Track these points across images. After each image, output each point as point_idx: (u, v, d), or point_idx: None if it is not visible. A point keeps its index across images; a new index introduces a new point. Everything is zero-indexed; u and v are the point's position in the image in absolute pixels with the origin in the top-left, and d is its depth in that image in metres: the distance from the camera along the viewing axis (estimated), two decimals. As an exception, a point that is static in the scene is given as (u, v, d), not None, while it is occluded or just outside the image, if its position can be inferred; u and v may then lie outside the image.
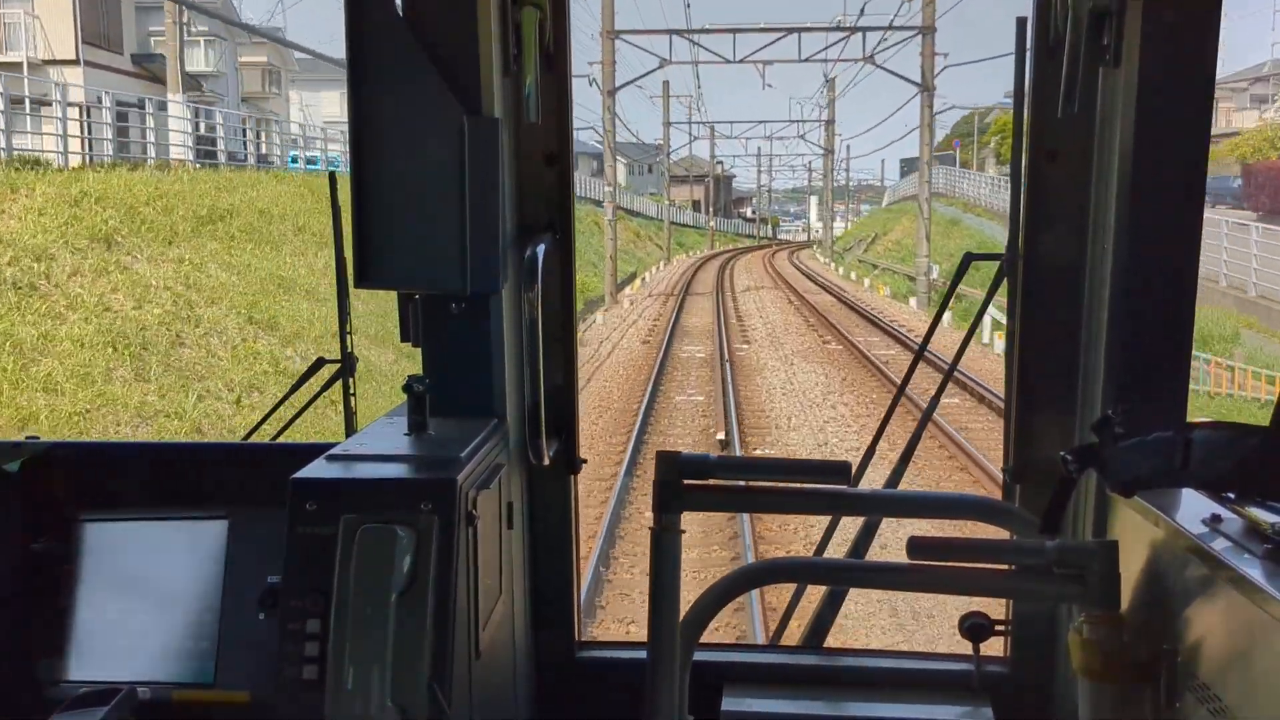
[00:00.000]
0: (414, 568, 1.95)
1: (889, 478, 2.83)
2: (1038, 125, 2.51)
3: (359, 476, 2.10)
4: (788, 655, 2.91)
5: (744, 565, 2.20)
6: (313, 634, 1.96)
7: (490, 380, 2.51)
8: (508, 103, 2.55)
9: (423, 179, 2.34)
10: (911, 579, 2.27)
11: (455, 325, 2.49)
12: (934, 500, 2.48)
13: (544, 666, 2.83)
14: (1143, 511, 2.13)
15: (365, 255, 2.36)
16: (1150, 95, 2.26)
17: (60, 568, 2.46)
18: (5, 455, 2.55)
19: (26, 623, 2.45)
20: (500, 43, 2.49)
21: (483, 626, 2.21)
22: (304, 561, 1.99)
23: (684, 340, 26.48)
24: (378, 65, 2.31)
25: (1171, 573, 2.01)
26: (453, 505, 2.01)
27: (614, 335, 27.56)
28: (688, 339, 26.83)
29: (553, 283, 2.67)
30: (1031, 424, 2.63)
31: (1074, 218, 2.52)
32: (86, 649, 2.43)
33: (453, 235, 2.34)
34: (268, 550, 2.30)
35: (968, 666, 2.60)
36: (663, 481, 2.31)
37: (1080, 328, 2.55)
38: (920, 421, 2.85)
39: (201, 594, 2.42)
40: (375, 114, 2.32)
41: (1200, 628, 1.89)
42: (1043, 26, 2.45)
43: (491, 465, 2.33)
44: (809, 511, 3.27)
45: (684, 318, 31.55)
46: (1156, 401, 2.34)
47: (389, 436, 2.32)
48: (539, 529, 2.80)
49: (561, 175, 2.68)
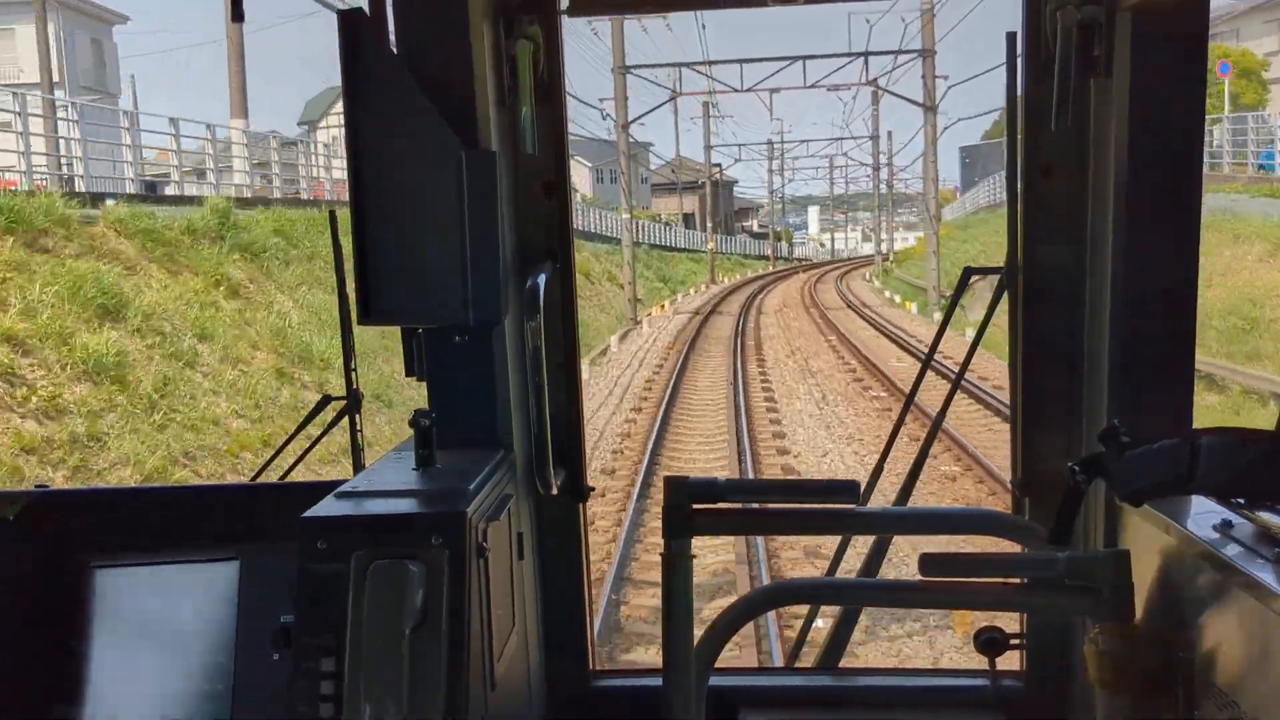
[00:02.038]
0: (426, 602, 1.95)
1: (898, 495, 2.83)
2: (1032, 139, 2.53)
3: (369, 513, 2.10)
4: (804, 677, 2.90)
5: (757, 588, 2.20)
6: (327, 672, 1.96)
7: (495, 411, 2.52)
8: (505, 135, 2.57)
9: (422, 213, 2.36)
10: (924, 596, 2.27)
11: (459, 357, 2.49)
12: (943, 516, 2.48)
13: (559, 696, 2.82)
14: (1152, 520, 2.13)
15: (368, 292, 2.37)
16: (1142, 105, 2.27)
17: (74, 614, 2.46)
18: (10, 503, 2.55)
19: (42, 670, 2.45)
20: (495, 76, 2.51)
21: (497, 658, 2.20)
22: (316, 600, 1.99)
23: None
24: (374, 101, 2.32)
25: (1184, 580, 2.00)
26: (463, 538, 2.01)
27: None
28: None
29: (554, 311, 2.68)
30: (1037, 436, 2.63)
31: (1072, 230, 2.53)
32: (102, 694, 2.42)
33: (454, 268, 2.35)
34: (280, 589, 2.29)
35: (983, 682, 2.59)
36: (672, 506, 2.31)
37: (1082, 339, 2.55)
38: (926, 438, 2.85)
39: (215, 635, 2.42)
40: (373, 150, 2.33)
41: (1215, 634, 1.88)
42: (1033, 40, 2.47)
43: (500, 496, 2.33)
44: (819, 532, 3.27)
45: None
46: (1161, 409, 2.34)
47: (397, 471, 2.32)
48: (549, 558, 2.80)
49: (560, 205, 2.70)
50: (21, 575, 2.50)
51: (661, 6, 2.84)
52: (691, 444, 16.10)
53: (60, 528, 2.54)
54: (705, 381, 22.03)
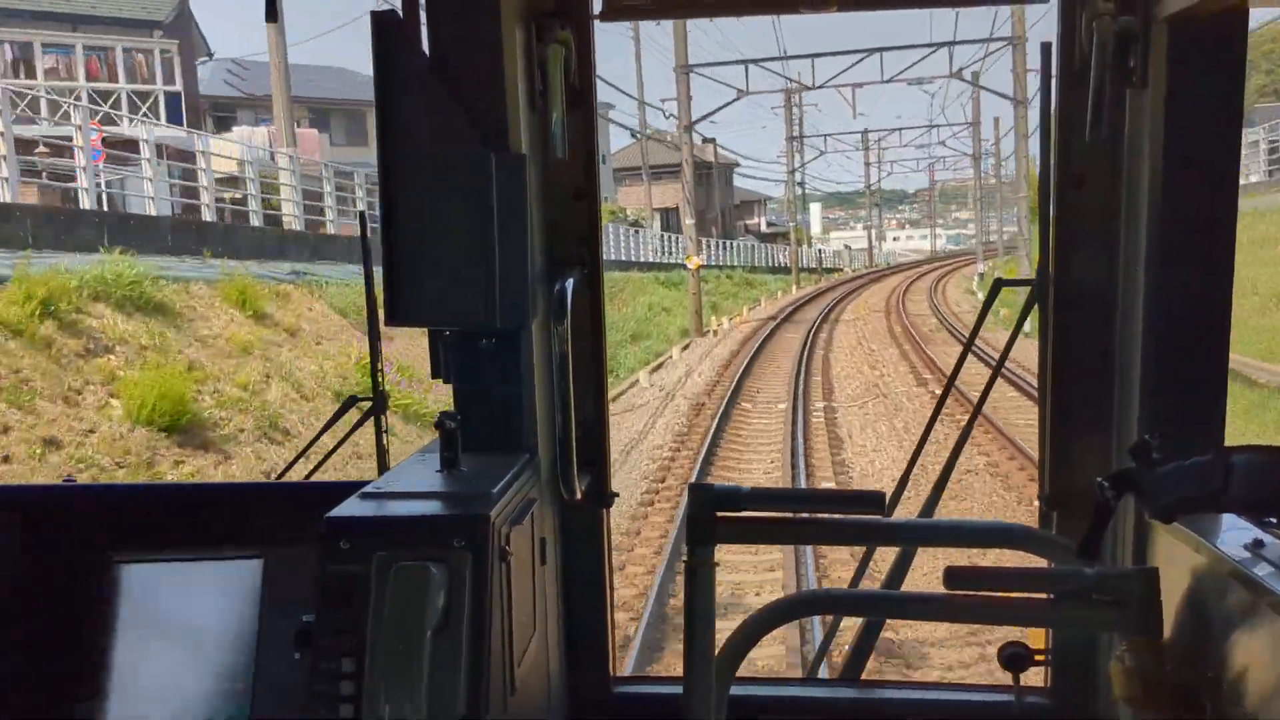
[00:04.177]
0: (448, 605, 1.95)
1: (923, 507, 2.81)
2: (1065, 150, 2.51)
3: (392, 514, 2.10)
4: (826, 689, 2.88)
5: (780, 598, 2.19)
6: (348, 673, 1.96)
7: (521, 415, 2.52)
8: (534, 139, 2.57)
9: (452, 216, 2.36)
10: (949, 609, 2.25)
11: (486, 361, 2.50)
12: (969, 529, 2.45)
13: (579, 703, 2.81)
14: (1183, 537, 2.10)
15: (396, 293, 2.38)
16: (1178, 116, 2.25)
17: (96, 609, 2.47)
18: (41, 498, 2.57)
19: (64, 665, 2.47)
20: (526, 79, 2.51)
21: (517, 663, 2.20)
22: (338, 600, 1.99)
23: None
24: (406, 102, 2.33)
25: (1213, 599, 1.98)
26: (486, 541, 2.01)
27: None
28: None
29: (582, 317, 2.68)
30: (1066, 450, 2.60)
31: (1104, 242, 2.51)
32: (123, 691, 2.44)
33: (482, 271, 2.36)
34: (302, 589, 2.30)
35: (1007, 698, 2.57)
36: (695, 515, 2.30)
37: (1113, 352, 2.53)
38: (954, 450, 2.83)
39: (236, 634, 2.43)
40: (404, 152, 2.34)
41: (1244, 654, 1.86)
42: (1068, 50, 2.45)
43: (524, 501, 2.32)
44: (843, 542, 3.25)
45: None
46: (1194, 425, 2.31)
47: (421, 473, 2.32)
48: (572, 564, 2.80)
49: (589, 210, 2.70)
50: (45, 568, 2.52)
51: (695, 12, 2.83)
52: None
53: (85, 522, 2.56)
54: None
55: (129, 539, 2.53)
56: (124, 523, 2.57)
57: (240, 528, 2.54)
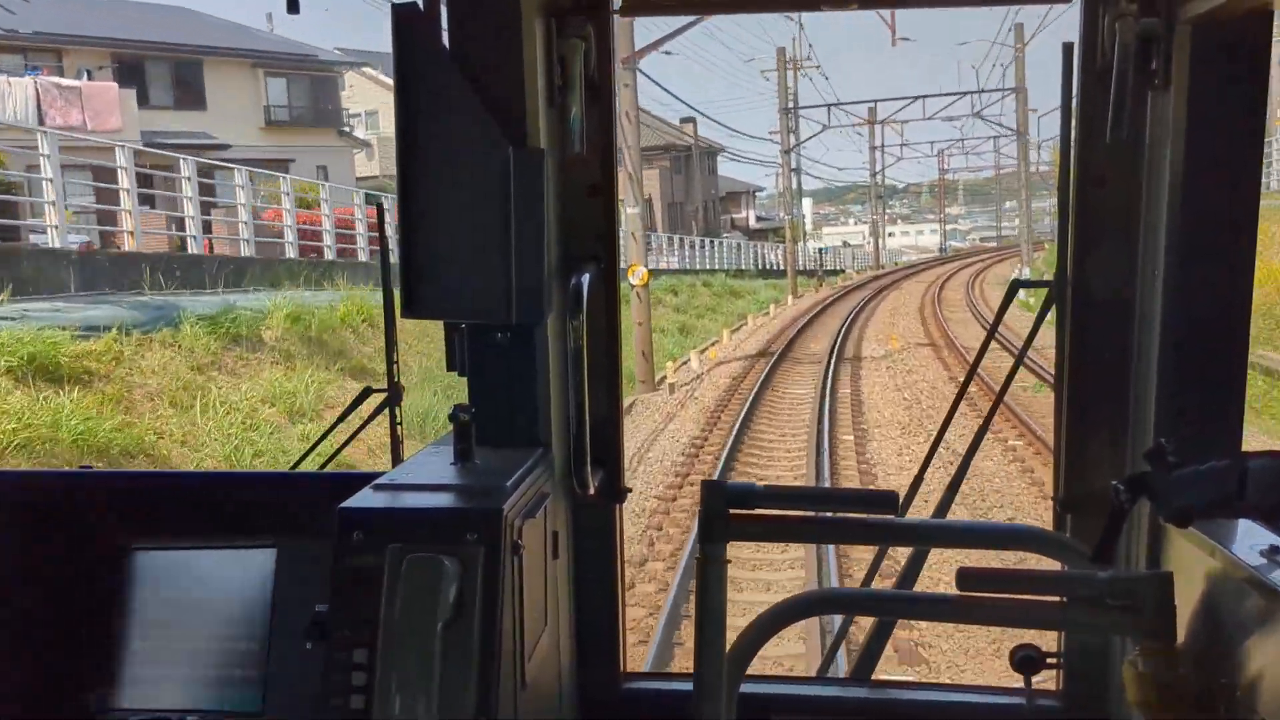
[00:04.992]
0: (460, 598, 1.95)
1: (937, 507, 2.80)
2: (1085, 151, 2.49)
3: (405, 506, 2.10)
4: (836, 687, 2.88)
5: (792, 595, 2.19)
6: (360, 664, 1.97)
7: (535, 409, 2.52)
8: (553, 134, 2.57)
9: (469, 209, 2.36)
10: (961, 611, 2.24)
11: (501, 355, 2.50)
12: (983, 530, 2.45)
13: (589, 698, 2.82)
14: (1198, 542, 2.09)
15: (412, 285, 2.38)
16: (1200, 119, 2.23)
17: (111, 597, 2.49)
18: (59, 485, 2.59)
19: (78, 652, 2.48)
20: (545, 75, 2.51)
21: (528, 657, 2.20)
22: (350, 591, 2.00)
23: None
24: (425, 95, 2.33)
25: (1228, 604, 1.96)
26: (499, 535, 2.01)
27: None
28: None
29: (597, 312, 2.68)
30: (1082, 453, 2.59)
31: (1123, 244, 2.50)
32: (137, 678, 2.45)
33: (499, 265, 2.36)
34: (315, 579, 2.31)
35: (1019, 700, 2.56)
36: (708, 512, 2.30)
37: (1131, 355, 2.51)
38: (968, 452, 2.82)
39: (249, 623, 2.44)
40: (423, 145, 2.34)
41: (1259, 661, 1.85)
42: (1090, 51, 2.43)
43: (537, 495, 2.33)
44: (856, 542, 3.25)
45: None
46: (1211, 429, 2.29)
47: (435, 466, 2.33)
48: (584, 559, 2.80)
49: (605, 206, 2.70)
50: (60, 555, 2.54)
51: (716, 8, 2.81)
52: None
53: (101, 509, 2.57)
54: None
55: (144, 527, 2.54)
56: (139, 511, 2.58)
57: (255, 517, 2.55)
